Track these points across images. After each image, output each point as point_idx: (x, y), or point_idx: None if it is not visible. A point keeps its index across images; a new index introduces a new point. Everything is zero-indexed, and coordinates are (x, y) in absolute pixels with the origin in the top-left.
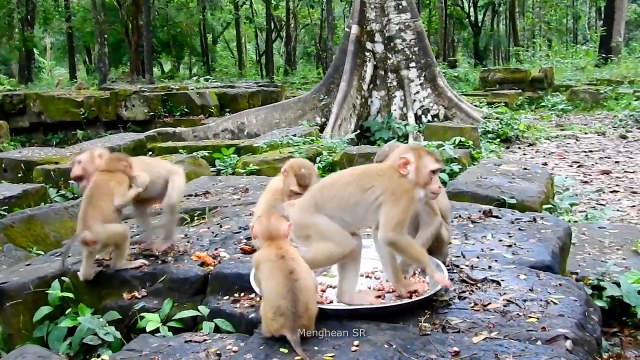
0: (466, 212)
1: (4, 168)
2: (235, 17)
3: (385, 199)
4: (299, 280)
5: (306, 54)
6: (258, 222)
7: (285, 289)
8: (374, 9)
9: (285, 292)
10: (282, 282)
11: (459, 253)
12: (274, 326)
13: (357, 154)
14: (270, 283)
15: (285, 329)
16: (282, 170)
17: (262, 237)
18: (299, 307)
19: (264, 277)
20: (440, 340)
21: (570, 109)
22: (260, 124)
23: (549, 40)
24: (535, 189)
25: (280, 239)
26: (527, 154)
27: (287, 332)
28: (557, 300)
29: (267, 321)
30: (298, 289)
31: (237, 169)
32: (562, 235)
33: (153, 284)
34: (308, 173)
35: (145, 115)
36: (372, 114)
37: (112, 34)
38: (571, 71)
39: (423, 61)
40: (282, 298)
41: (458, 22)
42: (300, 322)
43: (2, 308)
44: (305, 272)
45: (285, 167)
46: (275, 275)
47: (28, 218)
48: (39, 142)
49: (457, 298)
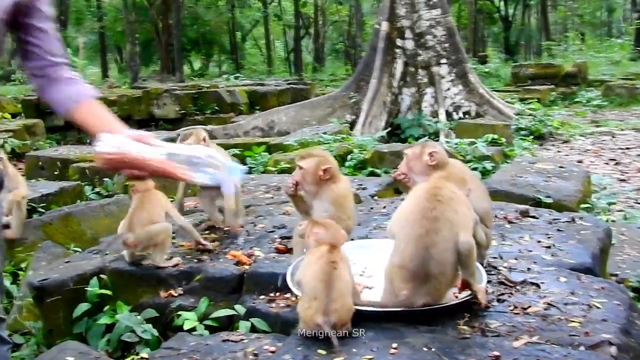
0: (502, 211)
1: (40, 166)
2: (264, 14)
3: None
4: (337, 269)
5: (334, 51)
6: (324, 231)
7: (322, 273)
8: (404, 5)
9: (321, 275)
10: (322, 267)
11: (496, 254)
12: (308, 313)
13: (388, 152)
14: (311, 269)
15: (319, 314)
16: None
17: (323, 242)
18: (333, 292)
19: (306, 266)
20: (479, 344)
21: (606, 105)
22: (290, 122)
23: (582, 33)
24: (572, 188)
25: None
26: (562, 151)
27: (321, 316)
28: (600, 304)
29: (302, 311)
30: (335, 276)
31: (269, 167)
32: (603, 236)
33: (189, 282)
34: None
35: (177, 113)
36: (403, 111)
37: (142, 33)
38: (606, 65)
39: (454, 57)
40: (318, 280)
41: (488, 17)
42: (333, 307)
43: (43, 304)
44: (346, 269)
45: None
46: (318, 262)
47: (65, 215)
48: (73, 140)
49: (496, 301)
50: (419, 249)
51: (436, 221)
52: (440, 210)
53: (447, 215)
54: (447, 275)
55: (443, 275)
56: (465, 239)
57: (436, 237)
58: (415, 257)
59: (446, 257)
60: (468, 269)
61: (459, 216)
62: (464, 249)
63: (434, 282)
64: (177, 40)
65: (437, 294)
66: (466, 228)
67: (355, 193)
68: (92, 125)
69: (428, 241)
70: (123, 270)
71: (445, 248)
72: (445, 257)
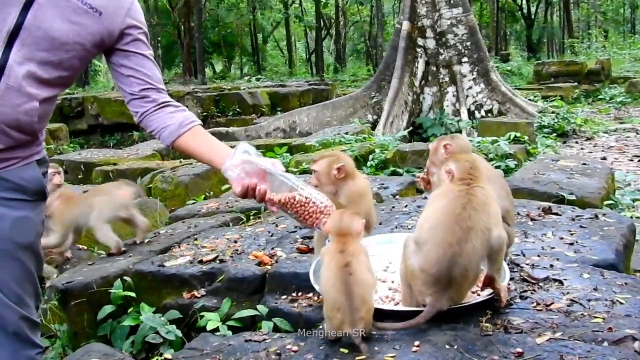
0: (524, 209)
1: (64, 169)
2: (285, 16)
3: None
4: (353, 274)
5: (356, 51)
6: (331, 219)
7: (338, 282)
8: (424, 5)
9: (339, 284)
10: (336, 274)
11: (518, 251)
12: (335, 323)
13: (409, 151)
14: (325, 275)
15: (345, 324)
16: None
17: (332, 232)
18: (354, 301)
19: (322, 270)
20: (502, 341)
21: (629, 102)
22: (311, 123)
23: (605, 31)
24: (596, 185)
25: (350, 236)
26: (585, 148)
27: (348, 326)
28: (623, 299)
29: (328, 319)
30: (352, 282)
31: (290, 168)
32: (626, 232)
33: (212, 283)
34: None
35: (199, 115)
36: (424, 111)
37: (164, 36)
38: (629, 62)
39: (475, 56)
40: (337, 291)
41: (510, 15)
42: (358, 315)
43: (68, 307)
44: (363, 267)
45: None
46: (330, 267)
47: None
48: (96, 143)
49: (518, 298)
50: (446, 256)
51: (469, 231)
52: (475, 220)
53: (481, 225)
54: (470, 279)
55: (465, 279)
56: (497, 233)
57: (466, 246)
58: (440, 263)
59: (471, 265)
60: (495, 264)
61: (491, 218)
62: (497, 243)
63: (456, 286)
64: (199, 43)
65: (459, 297)
66: (498, 224)
67: (376, 192)
68: (206, 153)
69: (457, 250)
70: (146, 272)
71: (472, 257)
72: (470, 265)
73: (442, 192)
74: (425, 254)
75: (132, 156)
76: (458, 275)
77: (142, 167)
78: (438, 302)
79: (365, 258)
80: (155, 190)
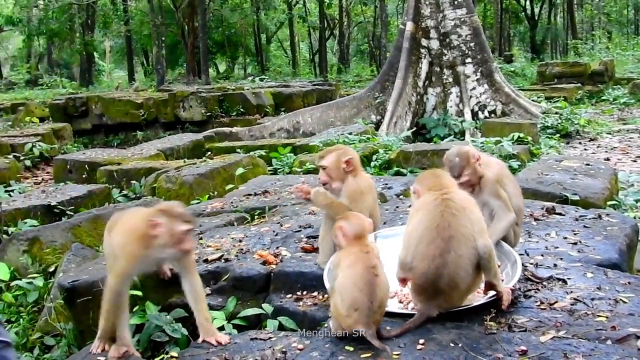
0: (528, 209)
1: (69, 169)
2: (289, 16)
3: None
4: (379, 277)
5: (359, 52)
6: (347, 223)
7: (363, 282)
8: (428, 5)
9: (362, 284)
10: (362, 273)
11: (522, 251)
12: (347, 322)
13: (413, 152)
14: (349, 272)
15: (359, 324)
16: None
17: (351, 236)
18: (375, 303)
19: (343, 268)
20: (506, 340)
21: (633, 102)
22: (315, 123)
23: (609, 32)
24: (599, 185)
25: (365, 238)
26: (589, 149)
27: (362, 327)
28: (627, 298)
29: (340, 318)
30: (377, 284)
31: (294, 168)
32: (629, 232)
33: (217, 282)
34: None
35: (203, 115)
36: (428, 111)
37: (168, 36)
38: (633, 63)
39: (479, 57)
40: (359, 290)
41: (514, 16)
42: (374, 318)
43: (73, 306)
44: (384, 271)
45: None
46: (356, 265)
47: (94, 218)
48: (100, 143)
49: (522, 296)
50: (430, 269)
51: (451, 240)
52: (455, 227)
53: (462, 230)
54: (461, 287)
55: (455, 290)
56: (483, 243)
57: (449, 256)
58: (425, 276)
59: (459, 274)
60: (490, 271)
61: (474, 225)
62: (484, 252)
63: (444, 296)
64: (203, 43)
65: (449, 305)
66: (482, 232)
67: (381, 192)
68: None
69: (440, 262)
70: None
71: (458, 265)
72: (458, 274)
73: (420, 204)
74: (413, 269)
75: (136, 156)
76: (445, 286)
77: (146, 167)
78: (427, 309)
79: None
80: (159, 190)
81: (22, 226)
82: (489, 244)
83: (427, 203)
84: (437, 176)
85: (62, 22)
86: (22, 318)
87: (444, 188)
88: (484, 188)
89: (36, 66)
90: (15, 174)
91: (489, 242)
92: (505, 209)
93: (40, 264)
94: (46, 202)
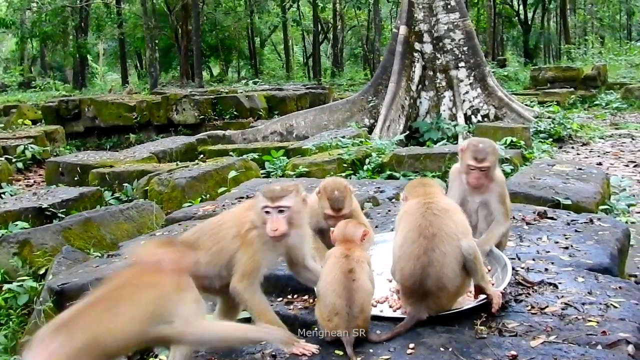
0: (520, 213)
1: (60, 172)
2: (283, 20)
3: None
4: (356, 281)
5: (353, 56)
6: (337, 227)
7: (340, 287)
8: (422, 9)
9: (340, 290)
10: (339, 279)
11: (513, 255)
12: (329, 326)
13: (406, 155)
14: (327, 278)
15: (339, 329)
16: (316, 191)
17: (338, 239)
18: (354, 308)
19: (323, 273)
20: (497, 344)
21: (625, 107)
22: (308, 126)
23: (602, 37)
24: (591, 190)
25: (354, 242)
26: (581, 153)
27: (341, 331)
28: (617, 303)
29: (323, 322)
30: (354, 288)
31: (287, 171)
32: (621, 237)
33: None
34: (341, 196)
35: (196, 118)
36: (421, 115)
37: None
38: (625, 68)
39: (472, 61)
40: (338, 296)
41: (507, 21)
42: (355, 323)
43: (63, 309)
44: (365, 275)
45: (319, 187)
46: (333, 271)
47: (85, 220)
48: (93, 146)
49: (513, 301)
50: (416, 269)
51: (434, 238)
52: (438, 225)
53: (445, 229)
54: (448, 290)
55: (443, 290)
56: (467, 244)
57: (433, 254)
58: (413, 276)
59: (446, 273)
60: (476, 273)
61: (457, 225)
62: (468, 254)
63: (433, 298)
64: (197, 46)
65: (438, 307)
66: (467, 234)
67: (373, 196)
68: None
69: (425, 261)
70: None
71: (444, 264)
72: (444, 273)
73: (405, 210)
74: (400, 271)
75: (128, 158)
76: (432, 287)
77: (139, 170)
78: (417, 312)
79: (368, 267)
80: (151, 192)
81: (13, 228)
82: (474, 245)
83: (411, 207)
84: (424, 184)
85: (55, 25)
86: (12, 321)
87: (429, 195)
88: (493, 189)
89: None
90: (7, 176)
91: (474, 243)
92: (506, 216)
93: (31, 267)
94: (37, 205)
